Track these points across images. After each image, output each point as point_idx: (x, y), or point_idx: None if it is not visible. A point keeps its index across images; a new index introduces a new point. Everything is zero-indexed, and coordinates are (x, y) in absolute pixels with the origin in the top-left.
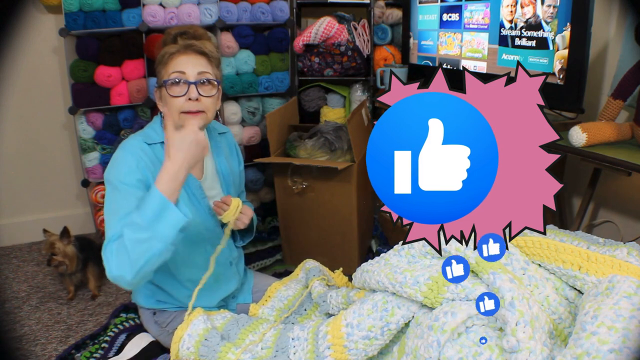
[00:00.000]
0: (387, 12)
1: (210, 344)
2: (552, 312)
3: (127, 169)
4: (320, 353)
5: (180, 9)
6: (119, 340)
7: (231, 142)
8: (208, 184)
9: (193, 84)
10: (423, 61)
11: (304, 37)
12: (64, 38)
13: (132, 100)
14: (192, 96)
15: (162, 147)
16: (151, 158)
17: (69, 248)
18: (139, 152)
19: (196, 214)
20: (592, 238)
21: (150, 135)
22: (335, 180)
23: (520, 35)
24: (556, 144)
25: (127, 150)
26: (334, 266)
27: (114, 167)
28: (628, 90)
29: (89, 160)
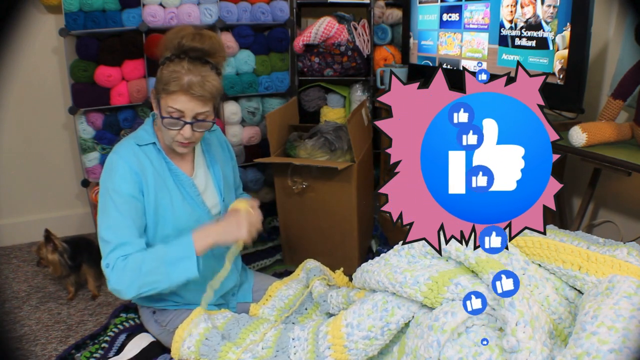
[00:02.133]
0: (387, 12)
1: (211, 344)
2: (552, 312)
3: (120, 178)
4: (320, 353)
5: (180, 9)
6: (119, 340)
7: (221, 139)
8: (200, 181)
9: (189, 124)
10: (423, 61)
11: (304, 37)
12: (64, 38)
13: (132, 100)
14: (185, 135)
15: (154, 148)
16: (143, 159)
17: (53, 255)
18: (131, 156)
19: (191, 209)
20: (592, 238)
21: (142, 136)
22: (335, 180)
23: (520, 35)
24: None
25: (119, 156)
26: (334, 266)
27: (107, 174)
28: (628, 90)
29: (89, 160)
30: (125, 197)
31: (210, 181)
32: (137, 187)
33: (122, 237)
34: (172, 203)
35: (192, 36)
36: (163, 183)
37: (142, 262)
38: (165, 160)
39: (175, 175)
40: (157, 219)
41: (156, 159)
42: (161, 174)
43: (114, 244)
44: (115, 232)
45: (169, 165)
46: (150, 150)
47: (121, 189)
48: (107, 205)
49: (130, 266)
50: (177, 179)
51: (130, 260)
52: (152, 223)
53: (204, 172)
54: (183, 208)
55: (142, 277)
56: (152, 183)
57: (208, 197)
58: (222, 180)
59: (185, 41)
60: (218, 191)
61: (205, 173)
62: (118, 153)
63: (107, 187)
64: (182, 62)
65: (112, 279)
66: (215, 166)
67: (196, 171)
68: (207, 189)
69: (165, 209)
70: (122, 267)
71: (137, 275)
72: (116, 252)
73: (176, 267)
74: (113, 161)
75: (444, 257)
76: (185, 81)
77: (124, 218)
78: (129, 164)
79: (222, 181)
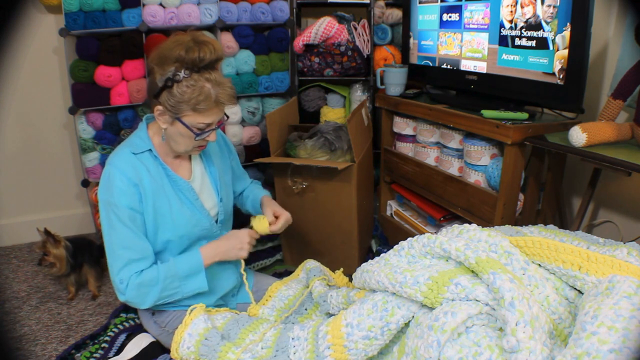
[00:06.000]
0: (387, 12)
1: (211, 344)
2: (552, 312)
3: (119, 192)
4: (320, 353)
5: (180, 9)
6: (119, 340)
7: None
8: (197, 184)
9: (214, 130)
10: (423, 61)
11: (304, 37)
12: (64, 38)
13: (132, 100)
14: (212, 139)
15: (150, 155)
16: (140, 168)
17: (59, 250)
18: (128, 167)
19: (190, 214)
20: (592, 238)
21: (137, 144)
22: (335, 180)
23: (520, 35)
24: (556, 144)
25: (116, 168)
26: (334, 266)
27: (105, 188)
28: (628, 90)
29: (89, 160)
30: (127, 210)
31: (208, 183)
32: (136, 198)
33: (135, 253)
34: (171, 209)
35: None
36: (161, 190)
37: (157, 279)
38: (163, 167)
39: (173, 182)
40: (156, 225)
41: (153, 166)
42: (158, 181)
43: (126, 259)
44: (127, 248)
45: (166, 171)
46: (146, 158)
47: (121, 203)
48: (112, 220)
49: (145, 282)
50: (175, 185)
51: (144, 277)
52: (151, 229)
53: (201, 174)
54: (182, 213)
55: (158, 293)
56: (150, 191)
57: (206, 200)
58: (220, 180)
59: (191, 54)
60: (216, 193)
61: (203, 175)
62: (114, 165)
63: (108, 201)
64: (199, 77)
65: (128, 294)
66: (212, 167)
67: (194, 174)
68: (205, 191)
69: (164, 216)
70: (138, 284)
71: (153, 291)
72: (130, 269)
73: (188, 282)
74: (110, 174)
75: (444, 257)
76: (214, 96)
77: (133, 233)
78: (127, 175)
79: (219, 182)
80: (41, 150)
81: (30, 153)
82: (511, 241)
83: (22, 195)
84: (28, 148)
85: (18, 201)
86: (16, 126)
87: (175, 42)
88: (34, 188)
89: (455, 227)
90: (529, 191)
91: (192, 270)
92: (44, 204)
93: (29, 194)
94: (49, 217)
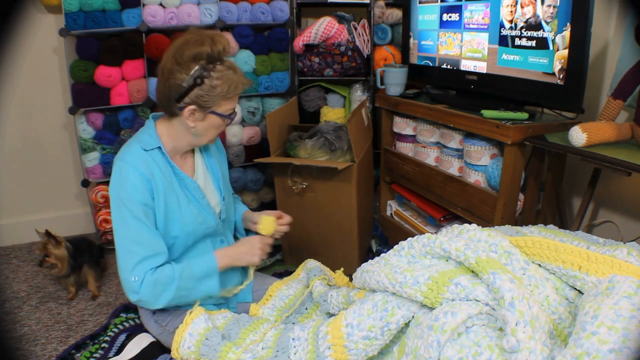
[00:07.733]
0: (387, 12)
1: (211, 344)
2: (552, 312)
3: (133, 187)
4: (320, 353)
5: (180, 9)
6: (119, 340)
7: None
8: (201, 182)
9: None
10: (423, 61)
11: (304, 37)
12: (64, 38)
13: (132, 100)
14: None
15: (159, 152)
16: (151, 165)
17: (61, 251)
18: (140, 163)
19: (197, 212)
20: (592, 238)
21: (147, 141)
22: (335, 180)
23: (520, 35)
24: (556, 144)
25: (128, 163)
26: (334, 266)
27: (118, 183)
28: (628, 90)
29: (89, 160)
30: (141, 206)
31: (210, 181)
32: (149, 194)
33: (149, 249)
34: (180, 206)
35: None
36: (170, 187)
37: (173, 277)
38: (170, 165)
39: (180, 179)
40: (166, 222)
41: (162, 164)
42: (168, 178)
43: (141, 256)
44: (142, 244)
45: (174, 169)
46: (156, 155)
47: (135, 198)
48: (125, 215)
49: (162, 279)
50: (182, 183)
51: (160, 274)
52: (162, 226)
53: (203, 172)
54: (189, 211)
55: (173, 292)
56: (162, 188)
57: (210, 197)
58: (221, 179)
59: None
60: (218, 190)
61: (205, 173)
62: (126, 160)
63: (121, 196)
64: (222, 67)
65: (142, 292)
66: (214, 166)
67: (197, 172)
68: (208, 190)
69: (173, 213)
70: (154, 281)
71: (168, 289)
72: (144, 265)
73: (201, 284)
74: (122, 169)
75: (444, 257)
76: (240, 82)
77: (147, 228)
78: (140, 171)
79: (221, 180)
80: (41, 150)
81: (30, 153)
82: (511, 241)
83: (22, 195)
84: (28, 148)
85: (18, 201)
86: (16, 126)
87: (189, 42)
88: (34, 188)
89: (455, 227)
90: (529, 191)
91: (207, 273)
92: (44, 204)
93: (29, 194)
94: (49, 217)
